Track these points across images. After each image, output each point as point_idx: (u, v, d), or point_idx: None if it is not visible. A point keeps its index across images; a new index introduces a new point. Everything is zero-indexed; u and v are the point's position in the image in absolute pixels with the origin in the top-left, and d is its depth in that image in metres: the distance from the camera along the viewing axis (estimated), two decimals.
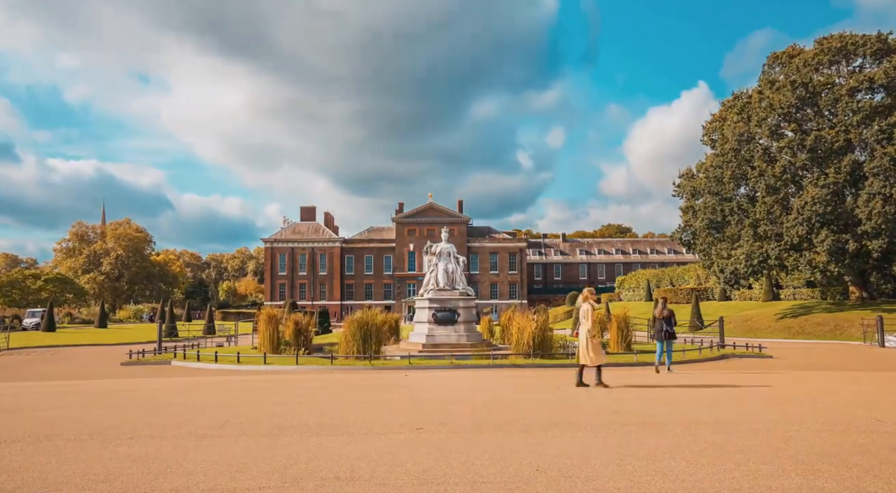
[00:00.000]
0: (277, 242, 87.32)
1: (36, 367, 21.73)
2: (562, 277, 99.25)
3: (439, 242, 24.54)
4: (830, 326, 33.11)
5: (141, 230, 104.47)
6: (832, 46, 34.93)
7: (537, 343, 19.80)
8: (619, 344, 21.56)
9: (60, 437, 6.94)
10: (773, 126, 35.54)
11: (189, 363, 20.51)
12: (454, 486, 4.98)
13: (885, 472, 5.32)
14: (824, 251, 32.49)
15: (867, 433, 6.96)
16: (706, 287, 52.74)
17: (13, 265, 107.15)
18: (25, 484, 5.07)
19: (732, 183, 36.96)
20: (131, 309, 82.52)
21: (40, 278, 72.84)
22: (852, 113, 33.25)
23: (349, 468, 5.53)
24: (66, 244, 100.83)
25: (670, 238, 47.01)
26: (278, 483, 5.07)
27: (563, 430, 7.21)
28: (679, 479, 5.12)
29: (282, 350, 21.38)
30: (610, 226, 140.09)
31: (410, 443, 6.53)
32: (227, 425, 7.67)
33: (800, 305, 40.59)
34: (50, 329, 45.92)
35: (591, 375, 12.24)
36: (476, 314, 26.98)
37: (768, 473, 5.29)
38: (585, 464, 5.62)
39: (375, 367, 18.13)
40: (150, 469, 5.52)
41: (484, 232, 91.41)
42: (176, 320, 47.77)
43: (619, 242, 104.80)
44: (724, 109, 40.28)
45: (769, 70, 38.54)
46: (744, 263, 35.90)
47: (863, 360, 21.67)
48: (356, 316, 20.87)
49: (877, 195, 31.39)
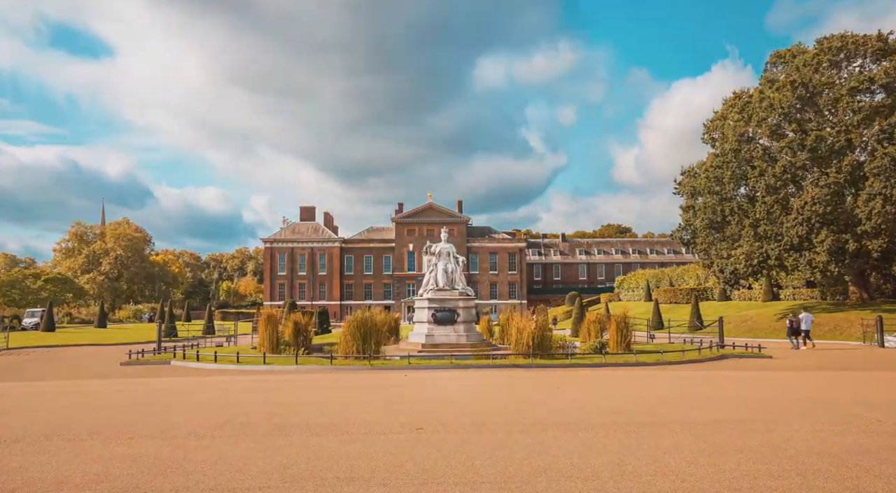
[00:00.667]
0: (277, 242, 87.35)
1: (35, 367, 21.72)
2: (561, 277, 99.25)
3: (439, 243, 24.55)
4: (830, 326, 33.11)
5: (140, 230, 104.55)
6: (833, 46, 34.92)
7: (536, 343, 19.79)
8: (619, 344, 21.54)
9: (60, 437, 6.93)
10: (774, 126, 35.54)
11: (188, 363, 20.49)
12: (454, 486, 4.97)
13: (885, 472, 5.32)
14: (824, 251, 32.48)
15: (867, 433, 6.96)
16: (706, 287, 52.72)
17: (13, 265, 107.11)
18: (25, 484, 5.06)
19: (732, 183, 36.96)
20: (131, 309, 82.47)
21: (40, 278, 72.82)
22: (853, 113, 33.25)
23: (349, 468, 5.53)
24: (66, 244, 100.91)
25: (670, 237, 47.03)
26: (278, 483, 5.06)
27: (563, 430, 7.20)
28: (679, 479, 5.11)
29: (281, 350, 21.37)
30: (610, 226, 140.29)
31: (410, 443, 6.53)
32: (227, 425, 7.67)
33: (800, 305, 40.57)
34: (49, 329, 45.89)
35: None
36: (475, 314, 26.97)
37: (768, 473, 5.29)
38: (585, 464, 5.61)
39: (375, 367, 18.12)
40: (150, 469, 5.51)
41: (483, 232, 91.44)
42: (175, 320, 47.75)
43: (619, 243, 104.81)
44: (725, 108, 40.26)
45: (770, 69, 38.54)
46: (744, 263, 35.90)
47: (863, 360, 21.67)
48: (356, 316, 20.86)
49: (877, 195, 31.39)
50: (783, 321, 36.10)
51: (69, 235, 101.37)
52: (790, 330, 27.25)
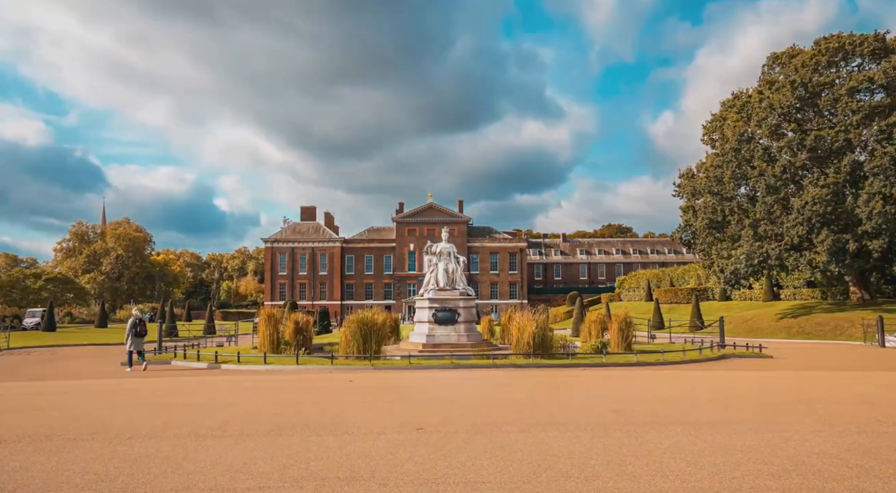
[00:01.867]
0: (278, 242, 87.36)
1: (36, 367, 21.72)
2: (562, 277, 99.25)
3: (439, 242, 24.55)
4: (831, 326, 33.10)
5: (141, 230, 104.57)
6: (831, 47, 34.92)
7: (537, 343, 19.79)
8: (620, 344, 21.54)
9: (60, 437, 6.93)
10: (773, 126, 35.55)
11: (189, 363, 20.50)
12: (454, 486, 4.97)
13: (885, 472, 5.32)
14: (824, 251, 32.47)
15: (867, 433, 6.95)
16: (706, 287, 52.70)
17: (13, 265, 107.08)
18: (25, 484, 5.07)
19: (732, 183, 36.96)
20: (131, 309, 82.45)
21: (40, 278, 72.79)
22: (852, 113, 33.25)
23: (349, 468, 5.53)
24: (66, 244, 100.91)
25: (670, 238, 46.99)
26: (278, 483, 5.06)
27: (563, 430, 7.20)
28: (679, 479, 5.11)
29: (282, 350, 21.37)
30: (610, 226, 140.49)
31: (410, 443, 6.53)
32: (227, 425, 7.67)
33: (800, 305, 40.58)
34: (50, 329, 45.89)
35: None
36: (476, 314, 26.96)
37: (768, 473, 5.29)
38: (585, 464, 5.61)
39: (375, 367, 18.12)
40: (150, 469, 5.52)
41: (484, 232, 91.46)
42: (176, 319, 47.76)
43: (620, 243, 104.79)
44: (724, 108, 40.28)
45: (769, 70, 38.55)
46: (744, 263, 35.90)
47: (863, 360, 21.66)
48: (356, 316, 20.86)
49: (877, 195, 31.39)
50: (784, 321, 36.09)
51: (70, 235, 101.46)
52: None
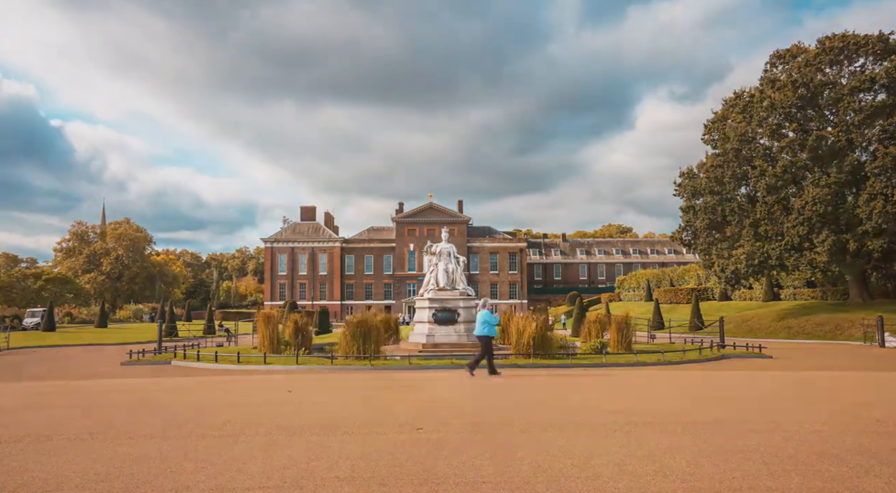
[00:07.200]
0: (277, 242, 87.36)
1: (36, 367, 21.72)
2: (562, 277, 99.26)
3: (439, 242, 24.55)
4: (831, 326, 33.08)
5: (141, 230, 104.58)
6: (834, 46, 34.88)
7: (537, 343, 19.79)
8: (620, 344, 21.54)
9: (60, 437, 6.93)
10: (775, 126, 35.52)
11: (189, 363, 20.51)
12: (454, 486, 4.97)
13: (885, 472, 5.31)
14: (825, 251, 32.46)
15: (867, 433, 6.95)
16: (706, 287, 52.69)
17: (13, 265, 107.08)
18: (25, 484, 5.06)
19: (733, 183, 36.94)
20: (131, 309, 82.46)
21: (40, 278, 72.82)
22: (854, 113, 33.22)
23: (349, 468, 5.53)
24: (66, 244, 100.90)
25: (670, 238, 46.98)
26: (278, 483, 5.06)
27: (563, 430, 7.20)
28: (679, 479, 5.11)
29: (282, 350, 21.37)
30: (610, 226, 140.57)
31: (410, 443, 6.53)
32: (227, 425, 7.66)
33: (800, 305, 40.55)
34: (50, 329, 45.88)
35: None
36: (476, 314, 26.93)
37: (768, 473, 5.28)
38: (585, 464, 5.61)
39: (375, 367, 18.12)
40: (150, 469, 5.51)
41: (484, 232, 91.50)
42: (176, 319, 47.77)
43: (620, 243, 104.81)
44: (726, 108, 40.24)
45: (771, 69, 38.50)
46: (744, 263, 35.88)
47: (863, 360, 21.65)
48: (356, 316, 20.88)
49: (878, 195, 31.37)
50: (784, 321, 36.07)
51: (70, 235, 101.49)
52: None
